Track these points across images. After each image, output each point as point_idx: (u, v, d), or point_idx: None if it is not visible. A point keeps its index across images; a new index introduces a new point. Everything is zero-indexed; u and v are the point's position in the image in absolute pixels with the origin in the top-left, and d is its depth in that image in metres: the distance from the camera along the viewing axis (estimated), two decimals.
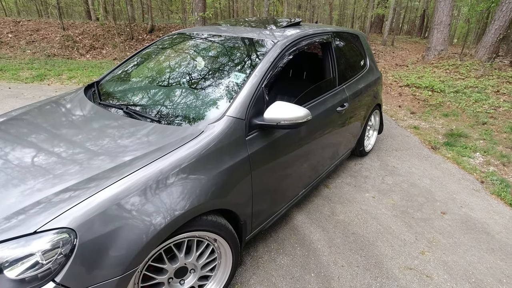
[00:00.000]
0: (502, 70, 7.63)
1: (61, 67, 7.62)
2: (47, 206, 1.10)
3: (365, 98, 3.04)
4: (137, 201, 1.19)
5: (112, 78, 2.32)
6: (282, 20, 2.77)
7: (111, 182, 1.20)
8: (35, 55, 8.81)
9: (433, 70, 8.25)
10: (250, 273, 1.95)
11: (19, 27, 9.99)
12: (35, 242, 1.01)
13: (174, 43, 2.53)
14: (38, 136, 1.57)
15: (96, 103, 1.90)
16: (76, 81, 6.48)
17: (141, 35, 10.80)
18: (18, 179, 1.24)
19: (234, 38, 2.23)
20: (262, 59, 1.84)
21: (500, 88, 6.45)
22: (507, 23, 8.09)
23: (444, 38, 9.28)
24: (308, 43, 2.22)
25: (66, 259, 1.03)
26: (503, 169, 3.51)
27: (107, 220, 1.11)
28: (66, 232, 1.03)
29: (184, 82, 2.12)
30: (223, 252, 1.63)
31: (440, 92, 6.48)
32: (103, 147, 1.42)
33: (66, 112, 1.86)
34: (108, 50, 9.93)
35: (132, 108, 1.80)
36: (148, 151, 1.36)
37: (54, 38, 9.68)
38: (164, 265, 1.39)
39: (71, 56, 9.22)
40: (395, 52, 12.72)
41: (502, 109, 5.47)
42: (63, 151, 1.41)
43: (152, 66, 2.45)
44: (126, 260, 1.13)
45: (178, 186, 1.30)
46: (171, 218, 1.24)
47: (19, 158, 1.38)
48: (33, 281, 1.01)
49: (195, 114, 1.70)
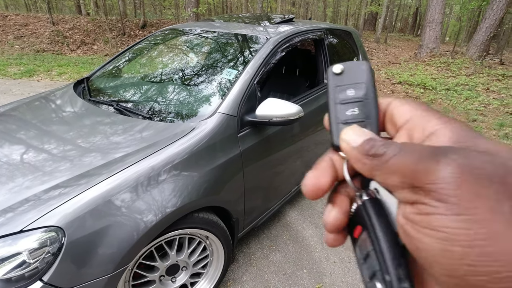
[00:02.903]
0: (492, 68, 7.75)
1: (51, 63, 7.48)
2: (35, 203, 1.08)
3: None
4: (128, 198, 1.17)
5: (103, 74, 2.28)
6: (275, 16, 2.76)
7: (102, 179, 1.18)
8: (23, 50, 8.63)
9: (425, 68, 8.33)
10: (243, 269, 1.95)
11: (6, 22, 9.76)
12: (22, 241, 0.99)
13: (167, 39, 2.51)
14: (27, 132, 1.54)
15: (86, 99, 1.87)
16: (66, 77, 6.37)
17: (133, 30, 10.66)
18: (6, 177, 1.22)
19: (227, 34, 2.22)
20: (255, 56, 1.83)
21: (490, 86, 6.55)
22: (497, 22, 8.20)
23: (436, 36, 9.37)
24: (301, 40, 2.21)
25: (54, 258, 1.02)
26: None
27: (97, 217, 1.10)
28: (54, 231, 1.02)
29: (176, 79, 2.10)
30: (215, 249, 1.63)
31: (432, 90, 6.56)
32: (93, 144, 1.40)
33: (55, 109, 1.82)
34: (99, 45, 9.78)
35: (123, 104, 1.77)
36: (140, 148, 1.35)
37: (44, 33, 9.49)
38: (155, 262, 1.39)
39: (61, 52, 9.06)
40: (388, 49, 12.81)
41: (491, 107, 5.56)
42: (52, 148, 1.39)
43: (144, 62, 2.42)
44: (116, 258, 1.12)
45: (170, 183, 1.29)
46: (162, 215, 1.23)
47: (7, 155, 1.35)
48: (20, 281, 0.99)
49: (187, 110, 1.69)
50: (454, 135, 0.21)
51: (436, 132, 0.21)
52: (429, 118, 0.23)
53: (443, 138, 0.21)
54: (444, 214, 0.17)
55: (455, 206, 0.17)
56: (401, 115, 0.25)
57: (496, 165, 0.18)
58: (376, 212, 0.23)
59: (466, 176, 0.17)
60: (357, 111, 0.27)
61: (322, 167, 0.26)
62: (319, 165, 0.26)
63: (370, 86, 0.27)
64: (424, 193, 0.18)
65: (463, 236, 0.16)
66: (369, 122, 0.26)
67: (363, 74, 0.28)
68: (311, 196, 0.26)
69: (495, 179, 0.17)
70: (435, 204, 0.18)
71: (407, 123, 0.24)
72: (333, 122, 0.27)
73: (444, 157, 0.18)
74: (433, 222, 0.17)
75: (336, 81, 0.28)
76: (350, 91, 0.27)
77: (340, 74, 0.28)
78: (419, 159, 0.19)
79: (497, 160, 0.18)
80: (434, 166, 0.18)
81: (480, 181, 0.17)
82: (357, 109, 0.27)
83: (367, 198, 0.24)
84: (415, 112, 0.24)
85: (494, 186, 0.17)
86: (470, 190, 0.17)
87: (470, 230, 0.16)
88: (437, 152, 0.19)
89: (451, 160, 0.18)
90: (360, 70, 0.28)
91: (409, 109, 0.24)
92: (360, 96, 0.27)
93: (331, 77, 0.28)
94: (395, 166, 0.20)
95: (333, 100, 0.28)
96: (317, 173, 0.26)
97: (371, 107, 0.27)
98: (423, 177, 0.18)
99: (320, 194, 0.26)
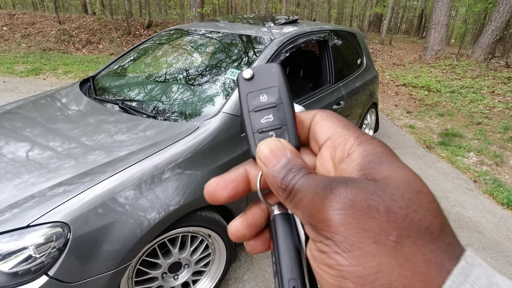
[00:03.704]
0: (497, 71, 7.69)
1: (57, 62, 7.56)
2: (41, 200, 1.10)
3: (361, 96, 3.06)
4: (132, 196, 1.19)
5: (108, 73, 2.30)
6: (280, 17, 2.77)
7: (106, 176, 1.20)
8: (30, 49, 8.72)
9: (430, 70, 8.29)
10: (244, 268, 1.96)
11: (14, 20, 9.87)
12: (29, 235, 1.01)
13: (171, 39, 2.52)
14: (33, 130, 1.56)
15: (92, 98, 1.89)
16: (72, 76, 6.43)
17: (138, 30, 10.73)
18: (12, 173, 1.24)
19: (232, 35, 2.23)
20: (259, 56, 1.84)
21: (495, 89, 6.51)
22: (503, 24, 8.15)
23: (442, 38, 9.32)
24: (305, 41, 2.22)
25: (59, 253, 1.04)
26: (496, 168, 3.55)
27: (101, 214, 1.11)
28: (60, 226, 1.04)
29: (181, 78, 2.12)
30: (217, 247, 1.64)
31: (436, 92, 6.52)
32: (98, 142, 1.42)
33: (61, 107, 1.85)
34: (104, 45, 9.85)
35: (128, 103, 1.79)
36: (144, 146, 1.36)
37: (50, 32, 9.58)
38: (158, 260, 1.40)
39: (67, 51, 9.14)
40: (393, 51, 12.76)
41: (496, 110, 5.52)
42: (57, 146, 1.41)
43: (148, 62, 2.44)
44: (120, 254, 1.13)
45: (173, 182, 1.31)
46: (165, 213, 1.24)
47: (13, 152, 1.38)
48: (26, 275, 1.01)
49: (191, 110, 1.70)
50: (363, 160, 0.20)
51: (351, 155, 0.21)
52: (348, 138, 0.22)
53: (354, 164, 0.20)
54: (335, 252, 0.17)
55: (343, 243, 0.17)
56: (322, 132, 0.24)
57: (382, 195, 0.17)
58: (283, 228, 0.23)
59: (351, 211, 0.17)
60: (271, 118, 0.25)
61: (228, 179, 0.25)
62: (227, 175, 0.25)
63: (283, 89, 0.26)
64: (318, 232, 0.18)
65: (354, 273, 0.16)
66: (285, 128, 0.25)
67: (274, 76, 0.26)
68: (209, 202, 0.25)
69: (380, 209, 0.17)
70: (327, 242, 0.18)
71: (327, 141, 0.23)
72: (249, 131, 0.25)
73: (331, 193, 0.18)
74: (328, 260, 0.18)
75: (247, 88, 0.26)
76: (263, 96, 0.26)
77: (251, 79, 0.27)
78: (315, 195, 0.19)
79: (385, 189, 0.18)
80: (324, 203, 0.18)
81: (364, 213, 0.17)
82: (271, 115, 0.25)
83: (278, 213, 0.23)
84: (335, 129, 0.23)
85: (378, 217, 0.17)
86: (355, 225, 0.17)
87: (359, 266, 0.16)
88: (328, 187, 0.19)
89: (337, 196, 0.18)
90: (271, 73, 0.26)
91: (329, 126, 0.24)
92: (274, 101, 0.26)
93: (242, 83, 0.27)
94: (299, 201, 0.20)
95: (246, 109, 0.26)
96: (219, 183, 0.25)
97: (286, 111, 0.25)
98: (316, 215, 0.18)
99: (216, 203, 0.25)
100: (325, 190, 0.19)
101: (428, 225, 0.17)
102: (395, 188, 0.18)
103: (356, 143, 0.21)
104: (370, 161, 0.20)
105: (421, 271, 0.15)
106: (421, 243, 0.16)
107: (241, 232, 0.25)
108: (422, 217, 0.17)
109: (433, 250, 0.16)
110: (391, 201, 0.17)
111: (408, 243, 0.16)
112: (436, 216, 0.17)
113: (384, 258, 0.16)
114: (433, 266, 0.15)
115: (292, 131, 0.25)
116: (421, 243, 0.16)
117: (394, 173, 0.19)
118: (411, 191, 0.18)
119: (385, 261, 0.16)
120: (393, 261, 0.16)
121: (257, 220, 0.25)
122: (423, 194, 0.18)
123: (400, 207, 0.17)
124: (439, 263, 0.16)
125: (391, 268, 0.16)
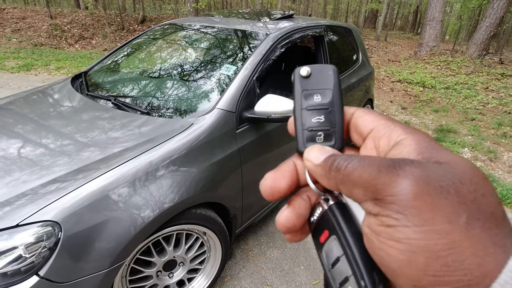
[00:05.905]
0: (491, 67, 7.75)
1: (49, 57, 7.43)
2: (32, 198, 1.07)
3: (357, 92, 3.05)
4: (125, 193, 1.17)
5: (101, 68, 2.26)
6: (275, 12, 2.74)
7: (99, 173, 1.17)
8: (21, 44, 8.56)
9: (425, 66, 8.32)
10: (240, 266, 1.95)
11: (4, 15, 9.66)
12: (19, 235, 0.99)
13: (166, 34, 2.49)
14: (24, 126, 1.53)
15: (84, 94, 1.85)
16: (64, 72, 6.33)
17: (132, 25, 10.58)
18: (3, 171, 1.21)
19: (226, 30, 2.20)
20: (254, 52, 1.82)
21: (489, 85, 6.56)
22: (497, 21, 8.19)
23: (436, 35, 9.36)
24: (300, 36, 2.20)
25: (50, 252, 1.01)
26: (490, 164, 3.58)
27: (94, 212, 1.09)
28: (51, 225, 1.01)
29: (175, 74, 2.09)
30: (213, 245, 1.63)
31: (431, 88, 6.56)
32: (91, 139, 1.39)
33: (53, 103, 1.81)
34: (98, 40, 9.71)
35: (121, 99, 1.76)
36: (138, 143, 1.34)
37: (41, 26, 9.41)
38: (152, 258, 1.38)
39: (59, 46, 8.99)
40: (388, 47, 12.79)
41: (490, 106, 5.57)
42: (50, 142, 1.38)
43: (142, 57, 2.40)
44: (113, 253, 1.12)
45: (168, 179, 1.29)
46: (160, 211, 1.22)
47: (4, 149, 1.34)
48: (16, 275, 0.99)
49: (185, 106, 1.68)
50: (418, 146, 0.21)
51: (402, 142, 0.22)
52: (393, 128, 0.23)
53: (409, 148, 0.21)
54: (405, 225, 0.18)
55: (415, 217, 0.17)
56: (365, 124, 0.25)
57: (452, 178, 0.18)
58: (344, 216, 0.23)
59: (423, 188, 0.18)
60: (322, 119, 0.26)
61: (283, 170, 0.26)
62: (281, 168, 0.27)
63: (337, 93, 0.27)
64: (385, 206, 0.19)
65: (426, 248, 0.17)
66: (334, 131, 0.26)
67: (330, 79, 0.27)
68: (268, 197, 0.26)
69: (451, 191, 0.18)
70: (396, 216, 0.18)
71: (372, 132, 0.25)
72: (299, 128, 0.27)
73: (401, 170, 0.19)
74: (396, 234, 0.18)
75: (303, 85, 0.27)
76: (317, 96, 0.27)
77: (307, 77, 0.28)
78: (379, 172, 0.19)
79: (453, 173, 0.18)
80: (393, 178, 0.19)
81: (437, 193, 0.18)
82: (323, 116, 0.27)
83: (333, 203, 0.24)
84: (379, 121, 0.24)
85: (450, 198, 0.17)
86: (428, 201, 0.17)
87: (431, 240, 0.17)
88: (395, 165, 0.19)
89: (409, 173, 0.18)
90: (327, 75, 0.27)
91: (373, 119, 0.25)
92: (326, 103, 0.27)
93: (298, 80, 0.28)
94: (357, 179, 0.20)
95: (299, 105, 0.27)
96: (276, 175, 0.26)
97: (337, 115, 0.26)
98: (383, 190, 0.19)
99: (277, 196, 0.26)
100: (392, 167, 0.19)
101: (493, 211, 0.18)
102: (462, 172, 0.19)
103: (403, 132, 0.22)
104: (427, 146, 0.21)
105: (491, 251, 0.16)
106: (488, 226, 0.17)
107: (292, 222, 0.26)
108: (488, 202, 0.18)
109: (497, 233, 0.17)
110: (460, 184, 0.18)
111: (477, 225, 0.17)
112: (499, 204, 0.18)
113: (457, 237, 0.17)
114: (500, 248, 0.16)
115: (339, 135, 0.26)
116: (488, 226, 0.17)
117: (455, 158, 0.20)
118: (478, 177, 0.19)
119: (459, 239, 0.17)
120: (466, 241, 0.16)
121: (303, 210, 0.26)
122: (487, 181, 0.19)
123: (468, 191, 0.18)
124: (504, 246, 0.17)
125: (464, 247, 0.16)
